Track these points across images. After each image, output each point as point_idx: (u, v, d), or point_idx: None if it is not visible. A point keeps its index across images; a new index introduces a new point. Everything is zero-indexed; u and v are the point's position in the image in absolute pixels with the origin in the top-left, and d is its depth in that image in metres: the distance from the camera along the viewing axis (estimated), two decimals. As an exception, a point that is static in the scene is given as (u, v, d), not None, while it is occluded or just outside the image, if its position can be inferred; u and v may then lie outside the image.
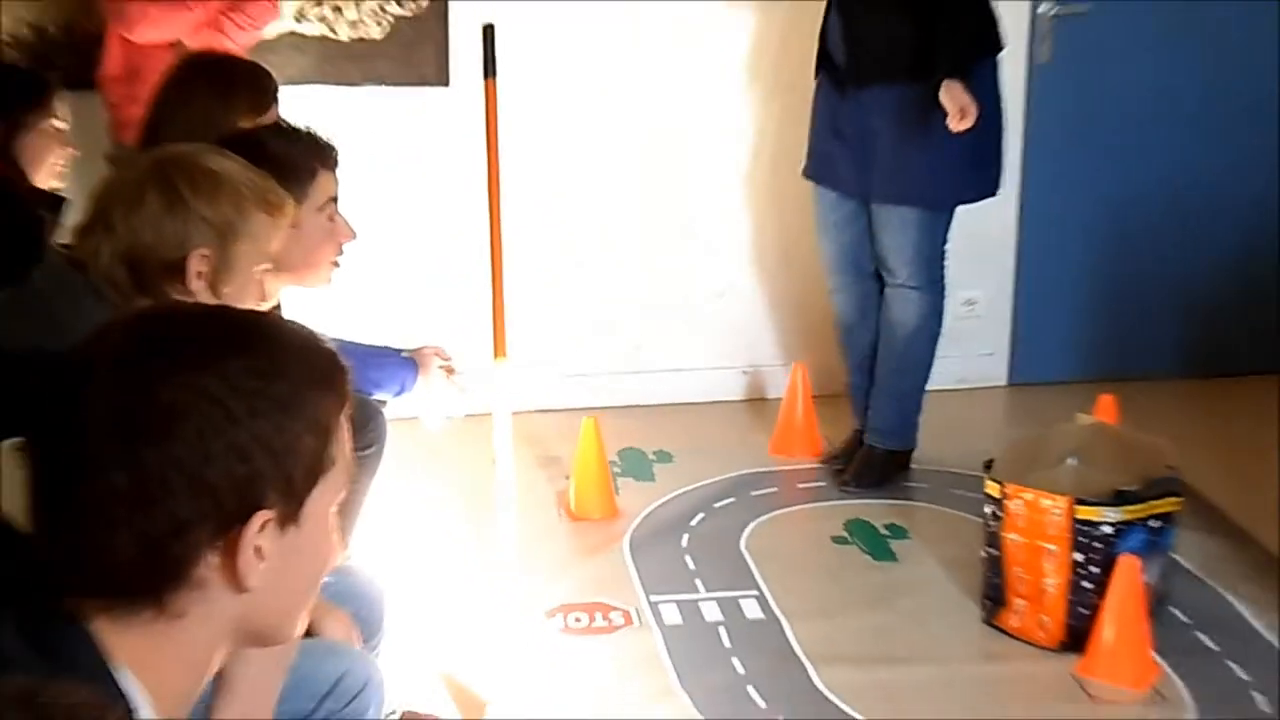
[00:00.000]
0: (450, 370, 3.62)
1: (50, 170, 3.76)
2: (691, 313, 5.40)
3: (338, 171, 3.07)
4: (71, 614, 1.44)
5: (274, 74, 3.70)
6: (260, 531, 1.44)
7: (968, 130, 4.29)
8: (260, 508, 1.44)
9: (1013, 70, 5.12)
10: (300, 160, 2.99)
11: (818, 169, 4.70)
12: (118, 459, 1.40)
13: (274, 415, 1.45)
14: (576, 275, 5.28)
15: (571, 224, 5.22)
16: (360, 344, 3.39)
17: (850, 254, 4.68)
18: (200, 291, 2.48)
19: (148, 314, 1.73)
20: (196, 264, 2.47)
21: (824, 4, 4.53)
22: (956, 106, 4.24)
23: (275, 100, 3.53)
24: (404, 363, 3.52)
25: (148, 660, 1.46)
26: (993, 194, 4.57)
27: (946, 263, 4.62)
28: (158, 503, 1.41)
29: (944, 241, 4.58)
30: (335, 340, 1.59)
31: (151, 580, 1.44)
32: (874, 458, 4.76)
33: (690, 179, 5.28)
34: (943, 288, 4.65)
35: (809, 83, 4.64)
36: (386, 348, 3.53)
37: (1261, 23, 5.30)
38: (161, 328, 1.53)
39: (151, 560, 1.43)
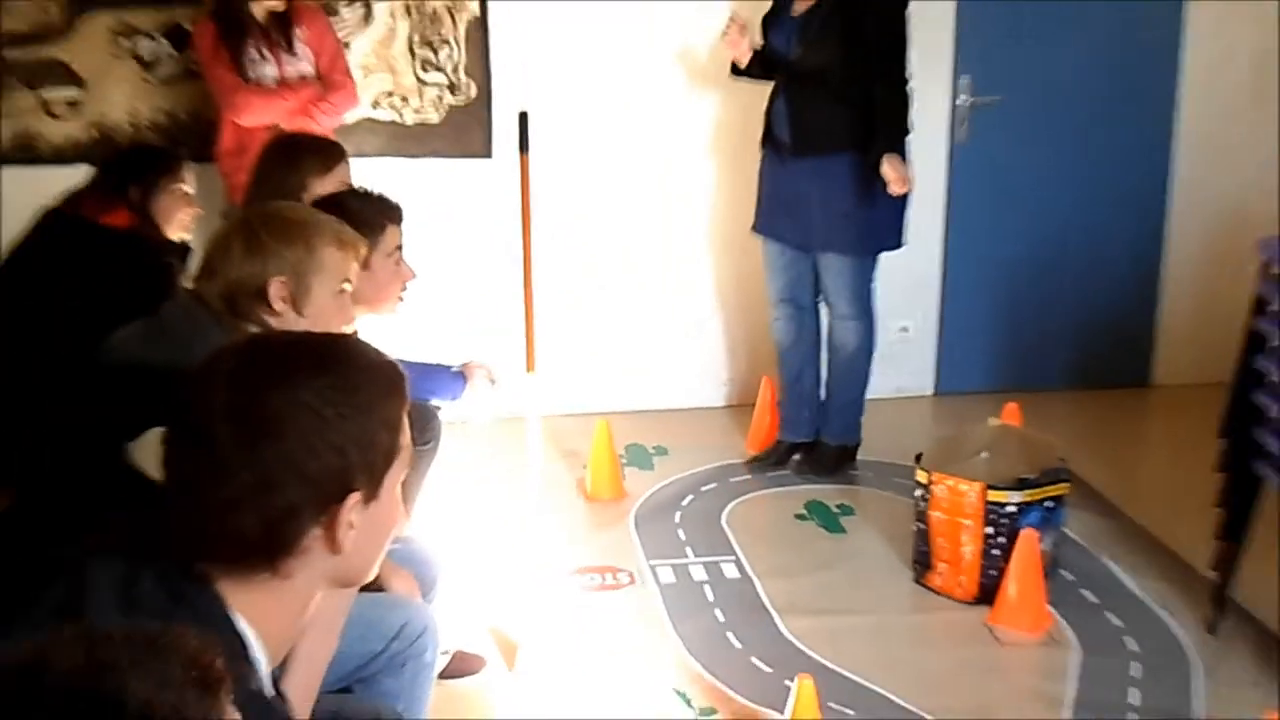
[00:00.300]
0: (492, 381, 3.60)
1: (179, 225, 3.77)
2: (682, 338, 5.38)
3: (402, 225, 3.08)
4: (200, 574, 1.46)
5: (351, 149, 3.71)
6: (352, 509, 1.47)
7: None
8: (352, 490, 1.47)
9: (937, 149, 5.17)
10: (372, 216, 2.99)
11: (763, 224, 4.64)
12: (242, 460, 1.43)
13: (358, 418, 1.47)
14: (593, 308, 5.27)
15: (589, 266, 5.21)
16: (420, 362, 3.37)
17: (790, 291, 4.65)
18: (285, 313, 2.46)
19: (252, 340, 1.77)
20: (276, 290, 2.45)
21: (769, 92, 4.50)
22: (898, 175, 4.20)
23: (342, 163, 3.50)
24: (455, 376, 3.52)
25: (261, 610, 1.48)
26: (900, 246, 4.51)
27: (876, 298, 4.61)
28: (275, 493, 1.43)
29: (872, 280, 4.56)
30: (401, 359, 1.61)
31: (269, 552, 1.46)
32: (827, 452, 4.73)
33: (676, 236, 5.26)
34: (873, 316, 4.62)
35: (756, 156, 4.63)
36: (441, 364, 3.52)
37: (1130, 116, 5.32)
38: (263, 352, 1.55)
39: (270, 537, 1.45)
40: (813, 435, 4.76)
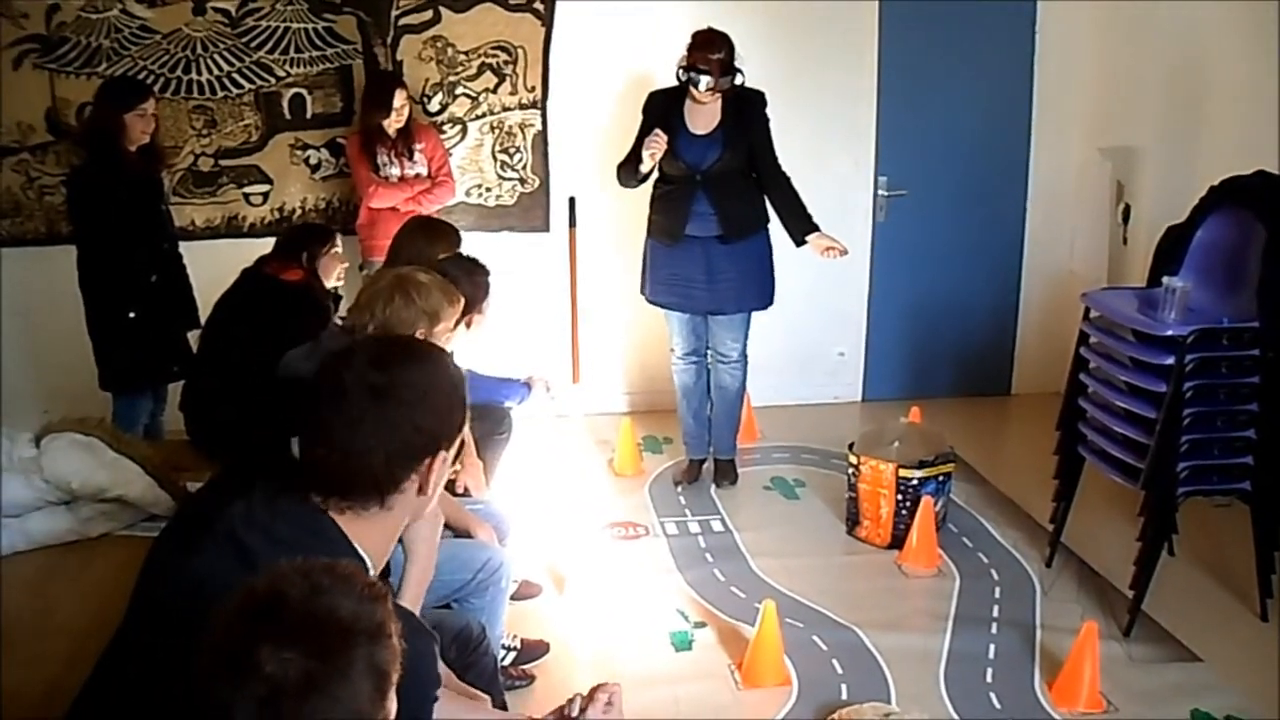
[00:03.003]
0: (548, 389, 3.59)
1: (334, 278, 3.77)
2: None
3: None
4: (318, 507, 1.45)
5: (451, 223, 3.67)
6: (441, 461, 1.48)
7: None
8: (440, 449, 1.48)
9: (864, 227, 5.13)
10: (481, 290, 3.01)
11: (668, 299, 4.08)
12: (376, 419, 1.43)
13: (449, 396, 1.49)
14: (621, 338, 5.19)
15: (617, 308, 5.11)
16: (498, 376, 3.38)
17: (695, 346, 4.17)
18: None
19: (378, 340, 1.79)
20: (420, 335, 2.47)
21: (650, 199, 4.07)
22: (828, 244, 3.86)
23: (459, 242, 3.48)
24: (522, 385, 3.48)
25: (368, 535, 1.47)
26: (771, 304, 4.07)
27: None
28: (396, 443, 1.43)
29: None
30: (484, 372, 1.61)
31: (382, 490, 1.45)
32: (730, 464, 4.36)
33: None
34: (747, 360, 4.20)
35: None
36: (512, 377, 3.48)
37: (996, 205, 5.27)
38: (389, 346, 1.57)
39: (388, 477, 1.44)
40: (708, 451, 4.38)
